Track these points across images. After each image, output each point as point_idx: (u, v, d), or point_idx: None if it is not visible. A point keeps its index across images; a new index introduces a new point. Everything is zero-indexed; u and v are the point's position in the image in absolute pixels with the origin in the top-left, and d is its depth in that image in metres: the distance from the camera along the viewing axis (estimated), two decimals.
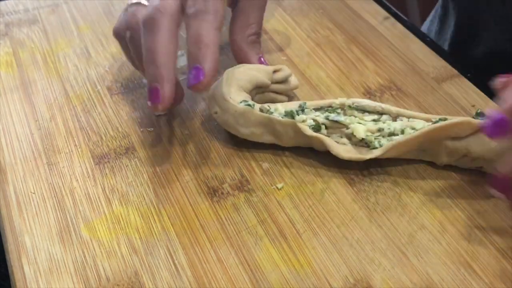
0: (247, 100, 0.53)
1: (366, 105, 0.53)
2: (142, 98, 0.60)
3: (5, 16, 0.72)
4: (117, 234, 0.48)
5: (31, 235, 0.48)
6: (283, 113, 0.52)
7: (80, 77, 0.63)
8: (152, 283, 0.44)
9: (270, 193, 0.50)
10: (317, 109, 0.54)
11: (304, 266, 0.45)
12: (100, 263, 0.46)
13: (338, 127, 0.51)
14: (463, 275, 0.44)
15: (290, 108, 0.53)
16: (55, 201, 0.51)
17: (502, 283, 0.43)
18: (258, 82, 0.55)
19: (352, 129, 0.51)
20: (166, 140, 0.56)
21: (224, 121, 0.53)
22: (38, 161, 0.54)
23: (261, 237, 0.47)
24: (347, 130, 0.51)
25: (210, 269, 0.45)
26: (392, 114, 0.53)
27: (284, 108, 0.53)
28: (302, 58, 0.64)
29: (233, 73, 0.54)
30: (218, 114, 0.53)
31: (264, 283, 0.44)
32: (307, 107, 0.53)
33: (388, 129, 0.51)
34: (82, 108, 0.60)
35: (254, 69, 0.55)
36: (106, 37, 0.69)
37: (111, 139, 0.56)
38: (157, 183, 0.52)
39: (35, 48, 0.68)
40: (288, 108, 0.53)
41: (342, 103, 0.54)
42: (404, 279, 0.44)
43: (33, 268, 0.46)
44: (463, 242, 0.46)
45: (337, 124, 0.51)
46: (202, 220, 0.49)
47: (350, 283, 0.44)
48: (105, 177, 0.52)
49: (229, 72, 0.54)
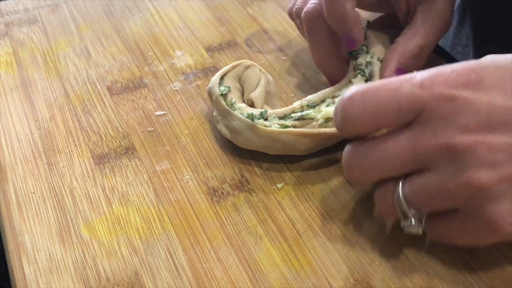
0: (229, 87, 0.54)
1: (321, 93, 0.54)
2: (142, 98, 0.60)
3: (5, 16, 0.72)
4: (117, 234, 0.48)
5: (31, 235, 0.48)
6: (244, 113, 0.52)
7: (80, 77, 0.63)
8: (152, 283, 0.44)
9: (270, 193, 0.50)
10: (280, 118, 0.53)
11: (304, 266, 0.45)
12: (100, 263, 0.46)
13: (307, 123, 0.51)
14: (463, 275, 0.44)
15: (253, 111, 0.52)
16: (55, 201, 0.51)
17: (502, 283, 0.43)
18: None
19: (324, 113, 0.51)
20: (166, 140, 0.56)
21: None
22: (38, 161, 0.54)
23: (261, 237, 0.47)
24: (318, 122, 0.51)
25: (210, 269, 0.45)
26: None
27: (249, 110, 0.53)
28: (302, 58, 0.64)
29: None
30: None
31: (264, 283, 0.44)
32: (269, 115, 0.52)
33: None
34: (82, 108, 0.60)
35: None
36: (106, 37, 0.69)
37: (111, 139, 0.56)
38: (157, 183, 0.52)
39: (35, 48, 0.68)
40: (251, 111, 0.52)
41: (300, 104, 0.53)
42: (404, 279, 0.44)
43: (33, 268, 0.46)
44: None
45: (305, 120, 0.51)
46: (202, 220, 0.49)
47: (350, 283, 0.44)
48: (105, 177, 0.52)
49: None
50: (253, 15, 0.71)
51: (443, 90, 0.39)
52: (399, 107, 0.40)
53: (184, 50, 0.66)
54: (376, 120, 0.41)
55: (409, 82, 0.40)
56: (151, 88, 0.62)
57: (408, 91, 0.40)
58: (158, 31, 0.69)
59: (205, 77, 0.62)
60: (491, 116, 0.38)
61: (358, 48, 0.56)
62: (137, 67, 0.64)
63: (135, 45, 0.67)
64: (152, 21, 0.71)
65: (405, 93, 0.40)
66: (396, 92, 0.40)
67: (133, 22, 0.71)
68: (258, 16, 0.71)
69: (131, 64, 0.65)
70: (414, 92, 0.40)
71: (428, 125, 0.40)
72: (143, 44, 0.68)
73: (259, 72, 0.56)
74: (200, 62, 0.65)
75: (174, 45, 0.67)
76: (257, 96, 0.54)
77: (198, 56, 0.66)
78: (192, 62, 0.65)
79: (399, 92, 0.40)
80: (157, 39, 0.68)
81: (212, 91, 0.55)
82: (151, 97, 0.60)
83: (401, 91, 0.40)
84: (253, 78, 0.56)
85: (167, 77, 0.63)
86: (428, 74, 0.41)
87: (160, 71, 0.64)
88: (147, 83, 0.62)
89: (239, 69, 0.57)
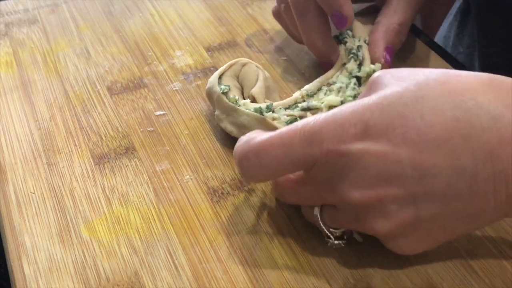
0: (228, 85, 0.55)
1: (316, 82, 0.55)
2: (142, 98, 0.60)
3: (5, 16, 0.72)
4: (117, 234, 0.48)
5: (31, 235, 0.48)
6: (251, 108, 0.53)
7: (80, 77, 0.63)
8: (152, 283, 0.44)
9: (270, 193, 0.50)
10: (286, 109, 0.54)
11: (304, 266, 0.45)
12: (100, 263, 0.46)
13: (313, 113, 0.52)
14: (463, 275, 0.44)
15: (259, 105, 0.53)
16: (55, 201, 0.51)
17: (502, 283, 0.43)
18: None
19: (327, 102, 0.52)
20: (166, 140, 0.56)
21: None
22: (38, 161, 0.54)
23: (261, 237, 0.47)
24: (323, 111, 0.52)
25: (210, 269, 0.45)
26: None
27: (253, 105, 0.53)
28: (302, 58, 0.64)
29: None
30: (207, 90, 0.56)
31: (264, 283, 0.44)
32: (275, 107, 0.53)
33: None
34: (82, 108, 0.60)
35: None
36: (106, 37, 0.69)
37: (111, 139, 0.56)
38: (157, 183, 0.52)
39: (35, 48, 0.68)
40: (257, 105, 0.53)
41: (301, 94, 0.55)
42: (404, 279, 0.44)
43: (33, 268, 0.46)
44: (463, 242, 0.46)
45: (312, 110, 0.52)
46: (202, 220, 0.49)
47: (350, 283, 0.44)
48: (105, 177, 0.52)
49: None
50: (253, 15, 0.71)
51: (331, 147, 0.40)
52: (292, 163, 0.42)
53: (184, 50, 0.66)
54: (272, 175, 0.44)
55: (299, 138, 0.41)
56: (151, 88, 0.62)
57: (298, 149, 0.41)
58: (158, 31, 0.69)
59: (205, 77, 0.62)
60: (380, 170, 0.40)
61: (344, 33, 0.58)
62: (137, 67, 0.64)
63: (135, 45, 0.67)
64: (152, 21, 0.71)
65: (295, 151, 0.41)
66: (288, 151, 0.41)
67: (133, 22, 0.71)
68: (258, 16, 0.71)
69: (131, 64, 0.65)
70: (304, 150, 0.41)
71: (322, 178, 0.42)
72: (143, 44, 0.68)
73: (256, 68, 0.57)
74: (200, 62, 0.65)
75: (174, 45, 0.67)
76: (258, 92, 0.54)
77: (198, 56, 0.66)
78: (192, 62, 0.65)
79: (290, 150, 0.41)
80: (157, 39, 0.68)
81: (212, 91, 0.55)
82: (151, 97, 0.60)
83: (292, 150, 0.41)
84: (251, 74, 0.56)
85: (167, 77, 0.63)
86: (317, 125, 0.41)
87: (160, 71, 0.64)
88: (147, 83, 0.62)
89: (236, 68, 0.57)
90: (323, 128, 0.41)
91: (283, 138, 0.42)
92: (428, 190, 0.39)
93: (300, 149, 0.41)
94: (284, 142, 0.41)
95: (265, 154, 0.42)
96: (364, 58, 0.56)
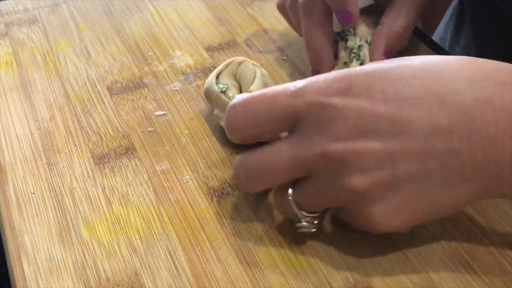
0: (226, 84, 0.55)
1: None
2: (142, 98, 0.60)
3: (5, 16, 0.73)
4: (117, 234, 0.48)
5: (31, 235, 0.48)
6: None
7: (80, 77, 0.63)
8: (152, 283, 0.44)
9: (270, 193, 0.50)
10: None
11: (304, 266, 0.45)
12: (100, 263, 0.46)
13: None
14: (463, 275, 0.44)
15: None
16: (55, 201, 0.51)
17: (502, 283, 0.43)
18: None
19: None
20: (166, 140, 0.56)
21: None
22: (38, 161, 0.54)
23: (261, 237, 0.47)
24: None
25: (210, 269, 0.45)
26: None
27: None
28: (302, 58, 0.64)
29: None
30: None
31: (264, 283, 0.44)
32: None
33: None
34: (82, 108, 0.60)
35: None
36: (106, 37, 0.69)
37: (111, 139, 0.56)
38: (157, 183, 0.52)
39: (35, 48, 0.68)
40: None
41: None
42: (404, 279, 0.44)
43: (33, 268, 0.46)
44: (463, 242, 0.46)
45: None
46: (202, 220, 0.49)
47: (350, 283, 0.44)
48: (105, 177, 0.52)
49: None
50: (253, 15, 0.71)
51: (314, 98, 0.42)
52: (276, 116, 0.43)
53: (184, 50, 0.66)
54: (257, 129, 0.45)
55: (284, 92, 0.43)
56: (151, 88, 0.62)
57: (282, 101, 0.43)
58: (158, 31, 0.69)
59: (205, 77, 0.62)
60: (359, 123, 0.41)
61: (346, 30, 0.58)
62: (137, 67, 0.64)
63: (135, 45, 0.67)
64: (152, 21, 0.71)
65: (280, 102, 0.43)
66: (273, 102, 0.43)
67: (133, 22, 0.71)
68: (258, 16, 0.71)
69: (131, 64, 0.65)
70: (288, 102, 0.43)
71: (303, 134, 0.42)
72: (143, 44, 0.68)
73: (252, 66, 0.57)
74: (200, 62, 0.65)
75: (174, 45, 0.67)
76: (256, 89, 0.54)
77: (198, 56, 0.66)
78: (192, 62, 0.65)
79: (274, 102, 0.43)
80: (157, 39, 0.68)
81: (210, 90, 0.55)
82: (151, 97, 0.60)
83: (277, 101, 0.43)
84: (248, 72, 0.56)
85: (167, 77, 0.63)
86: (303, 83, 0.43)
87: (160, 71, 0.64)
88: (147, 83, 0.62)
89: (233, 67, 0.57)
90: (308, 85, 0.43)
91: (270, 93, 0.44)
92: (404, 146, 0.40)
93: (285, 101, 0.43)
94: (270, 96, 0.44)
95: (251, 105, 0.44)
96: (365, 58, 0.57)
